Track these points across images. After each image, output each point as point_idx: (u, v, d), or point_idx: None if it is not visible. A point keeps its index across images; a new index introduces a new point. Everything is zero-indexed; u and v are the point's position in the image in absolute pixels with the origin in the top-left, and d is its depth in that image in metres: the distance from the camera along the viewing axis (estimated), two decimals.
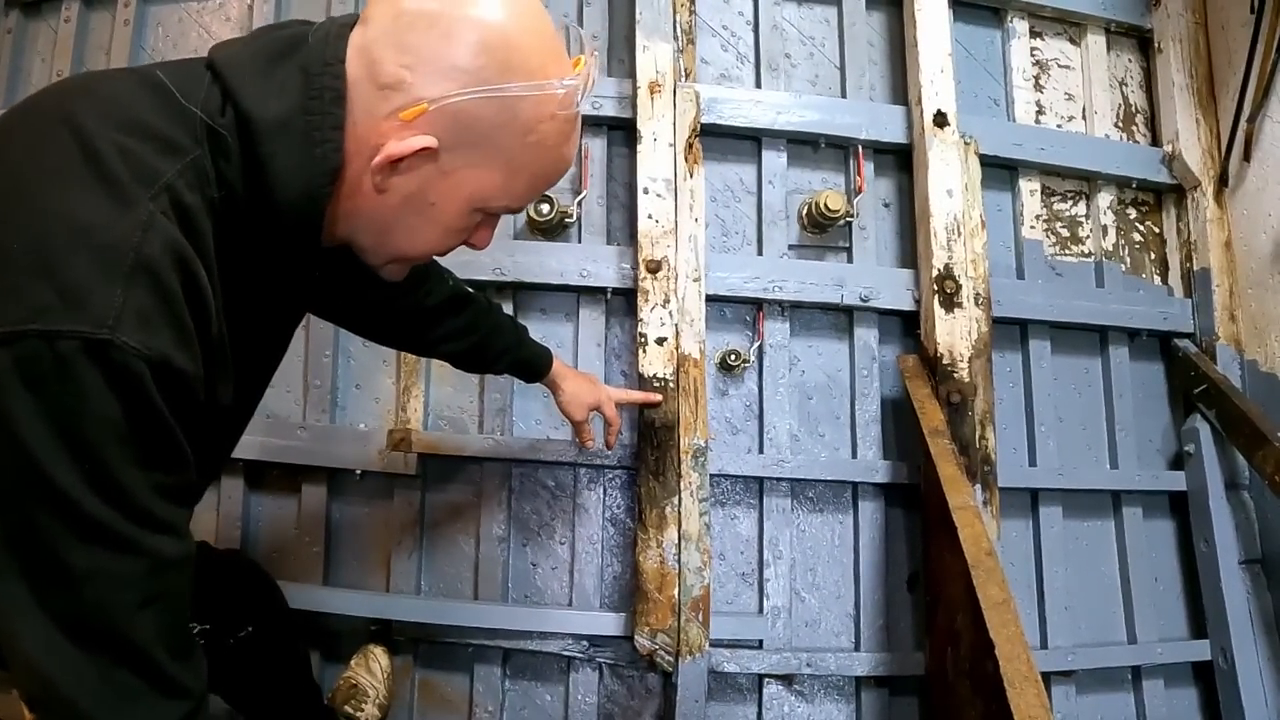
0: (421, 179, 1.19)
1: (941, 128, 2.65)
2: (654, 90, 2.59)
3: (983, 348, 2.60)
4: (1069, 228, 2.95)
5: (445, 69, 1.12)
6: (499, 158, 1.19)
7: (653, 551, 2.43)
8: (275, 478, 2.72)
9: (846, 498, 2.70)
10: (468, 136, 1.16)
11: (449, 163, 1.18)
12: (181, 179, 1.06)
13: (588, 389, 2.33)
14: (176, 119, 1.10)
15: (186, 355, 1.03)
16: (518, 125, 1.17)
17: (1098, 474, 2.82)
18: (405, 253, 1.30)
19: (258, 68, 1.16)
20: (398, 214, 1.23)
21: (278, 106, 1.13)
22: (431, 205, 1.22)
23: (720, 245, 2.76)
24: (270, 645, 2.09)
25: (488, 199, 1.24)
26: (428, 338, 2.01)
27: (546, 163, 1.24)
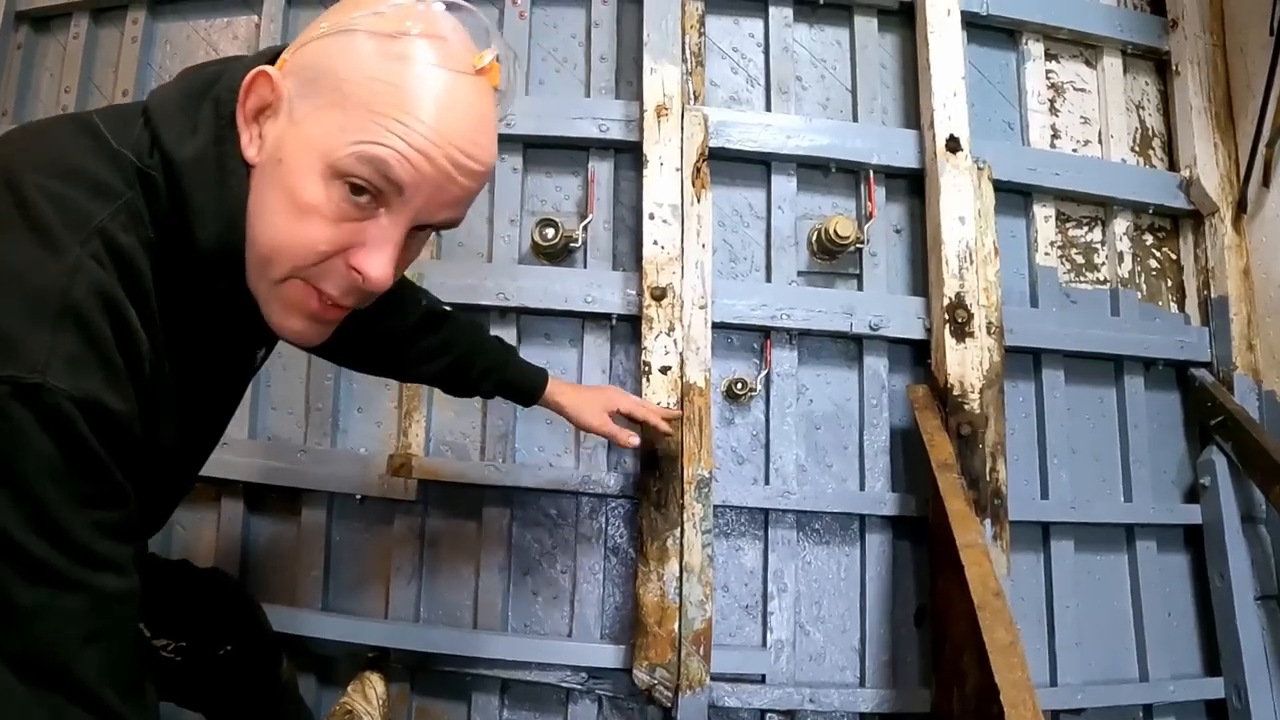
0: (276, 137, 1.10)
1: (954, 153, 2.51)
2: (661, 113, 2.48)
3: (994, 378, 2.47)
4: (1084, 254, 2.82)
5: (312, 29, 1.13)
6: (338, 95, 1.06)
7: (653, 584, 2.32)
8: (276, 500, 2.64)
9: (854, 530, 2.57)
10: (312, 75, 1.09)
11: (297, 111, 1.09)
12: (115, 221, 1.04)
13: (593, 394, 2.19)
14: (110, 163, 1.08)
15: (118, 396, 1.00)
16: (358, 58, 1.07)
17: (1111, 507, 2.68)
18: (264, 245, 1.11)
19: (179, 106, 1.14)
20: (258, 194, 1.11)
21: (194, 143, 1.11)
22: (279, 164, 1.09)
23: (728, 271, 2.64)
24: (250, 664, 2.02)
25: (332, 147, 1.05)
26: (403, 359, 1.92)
27: (388, 101, 1.05)
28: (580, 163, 2.65)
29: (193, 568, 2.00)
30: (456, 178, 1.10)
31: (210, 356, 1.29)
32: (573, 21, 2.75)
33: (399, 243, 1.13)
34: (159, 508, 1.42)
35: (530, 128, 2.58)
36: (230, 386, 1.48)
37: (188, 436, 1.30)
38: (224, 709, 2.12)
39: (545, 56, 2.73)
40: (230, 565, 2.59)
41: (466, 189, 1.13)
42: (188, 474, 1.49)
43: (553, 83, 2.73)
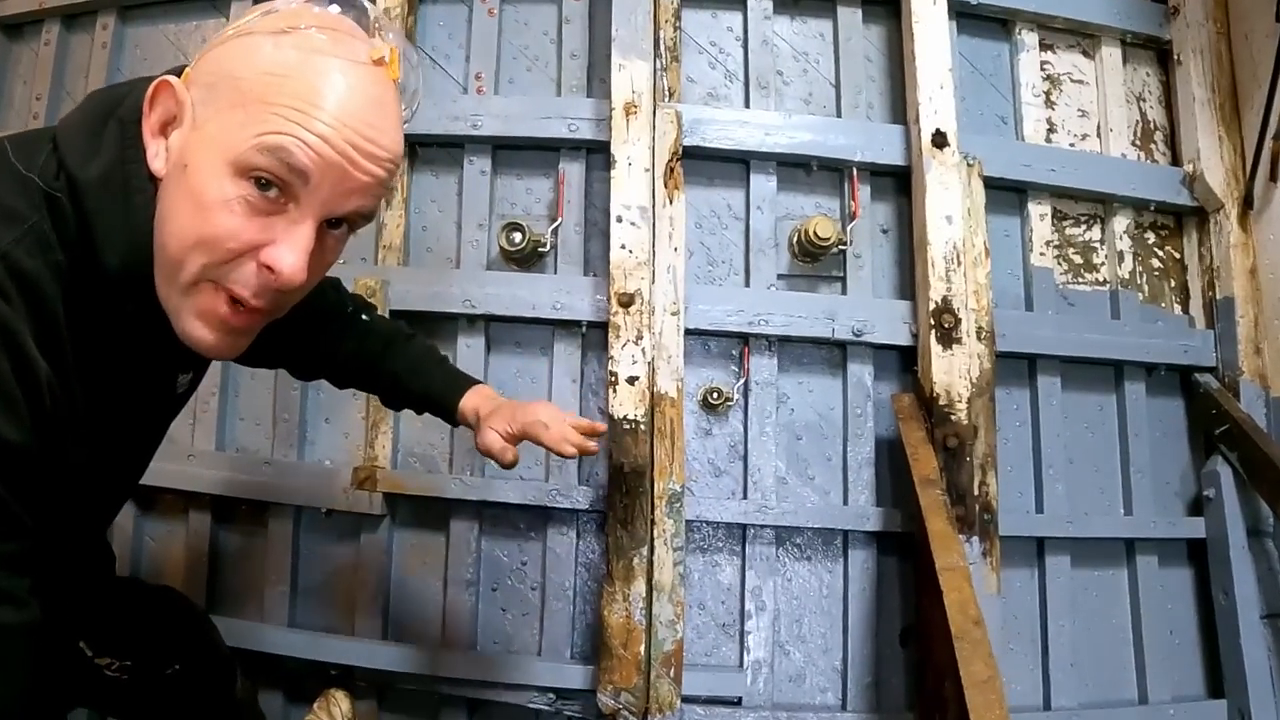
0: (180, 146, 1.08)
1: (940, 148, 2.35)
2: (630, 111, 2.33)
3: (985, 386, 2.31)
4: (1082, 254, 2.64)
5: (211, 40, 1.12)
6: (237, 94, 1.05)
7: (619, 605, 2.18)
8: (244, 513, 2.55)
9: (836, 545, 2.42)
10: (212, 81, 1.08)
11: (201, 116, 1.08)
12: (20, 246, 1.01)
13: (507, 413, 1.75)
14: (16, 187, 1.06)
15: (13, 427, 0.97)
16: (254, 57, 1.07)
17: (1110, 520, 2.51)
18: (170, 250, 1.08)
19: (84, 128, 1.12)
20: (164, 201, 1.09)
21: (98, 163, 1.09)
22: (184, 169, 1.07)
23: (705, 276, 2.50)
24: (200, 684, 1.92)
25: (234, 146, 1.03)
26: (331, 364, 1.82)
27: (285, 91, 1.04)
28: (552, 164, 2.51)
29: (142, 585, 1.93)
30: (359, 161, 1.08)
31: (126, 380, 1.24)
32: (544, 18, 2.61)
33: (310, 237, 1.10)
34: (76, 531, 1.38)
35: (499, 128, 2.45)
36: (151, 411, 1.42)
37: (104, 460, 1.27)
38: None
39: (516, 55, 2.60)
40: (197, 579, 2.50)
41: (372, 175, 1.11)
42: (109, 496, 1.47)
43: (523, 81, 2.59)
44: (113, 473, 1.39)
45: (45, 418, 1.02)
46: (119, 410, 1.26)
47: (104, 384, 1.18)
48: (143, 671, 1.79)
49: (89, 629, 1.70)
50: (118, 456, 1.36)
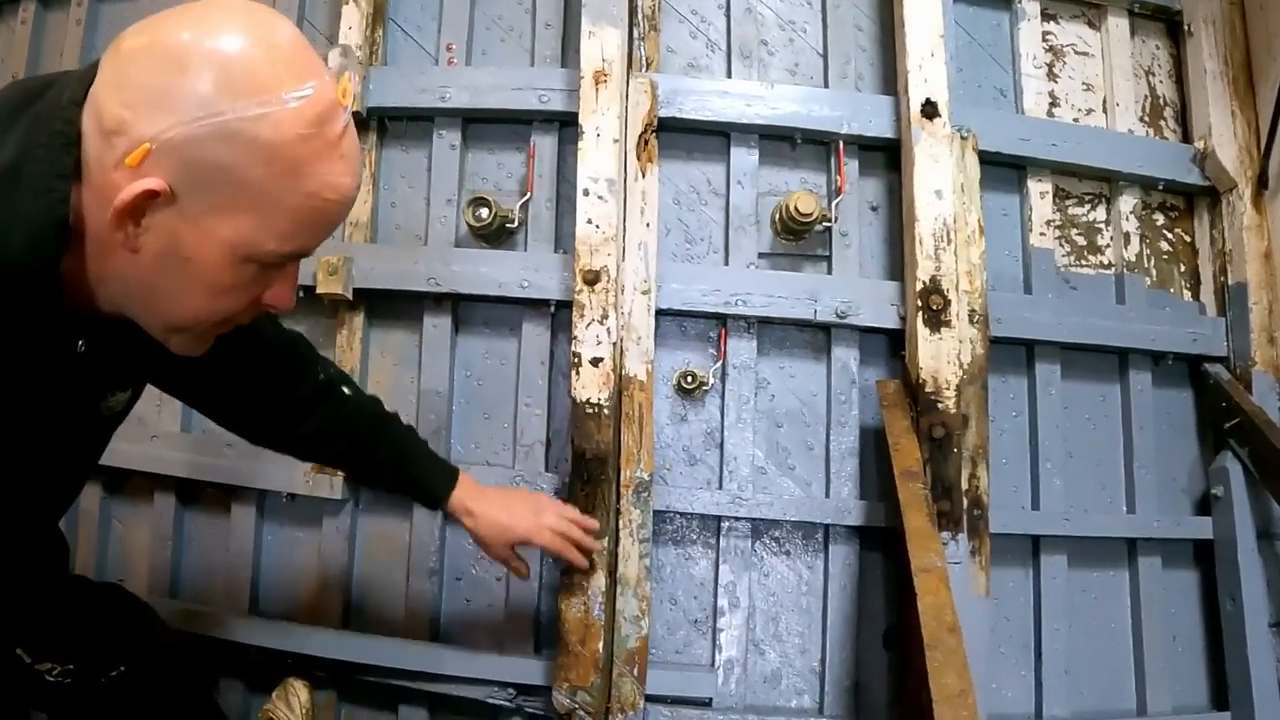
0: (169, 233, 1.02)
1: (930, 119, 2.15)
2: (599, 80, 2.15)
3: (976, 373, 2.12)
4: (1086, 235, 2.42)
5: (163, 100, 0.96)
6: (244, 195, 1.01)
7: (576, 599, 2.01)
8: (208, 496, 2.44)
9: (817, 540, 2.24)
10: (203, 174, 0.99)
11: (192, 207, 1.01)
12: None
13: (508, 516, 1.82)
14: None
15: None
16: (255, 154, 0.99)
17: (1111, 518, 2.31)
18: (177, 320, 1.13)
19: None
20: (156, 275, 1.06)
21: (3, 157, 1.01)
22: (187, 260, 1.04)
23: (683, 254, 2.33)
24: (146, 685, 1.81)
25: (251, 246, 1.05)
26: (294, 435, 1.74)
27: (306, 194, 1.03)
28: (524, 138, 2.35)
29: (87, 584, 1.82)
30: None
31: (32, 394, 1.15)
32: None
33: (298, 271, 1.18)
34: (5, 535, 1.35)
35: (468, 100, 2.30)
36: (74, 429, 1.34)
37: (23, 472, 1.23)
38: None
39: (490, 25, 2.45)
40: (161, 563, 2.39)
41: None
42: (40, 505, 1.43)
43: (496, 53, 2.44)
44: (38, 485, 1.33)
45: None
46: (30, 427, 1.18)
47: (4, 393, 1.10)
48: (86, 675, 1.71)
49: (26, 635, 1.62)
50: (38, 471, 1.30)
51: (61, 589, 1.69)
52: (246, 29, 0.99)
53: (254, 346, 1.59)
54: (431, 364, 2.30)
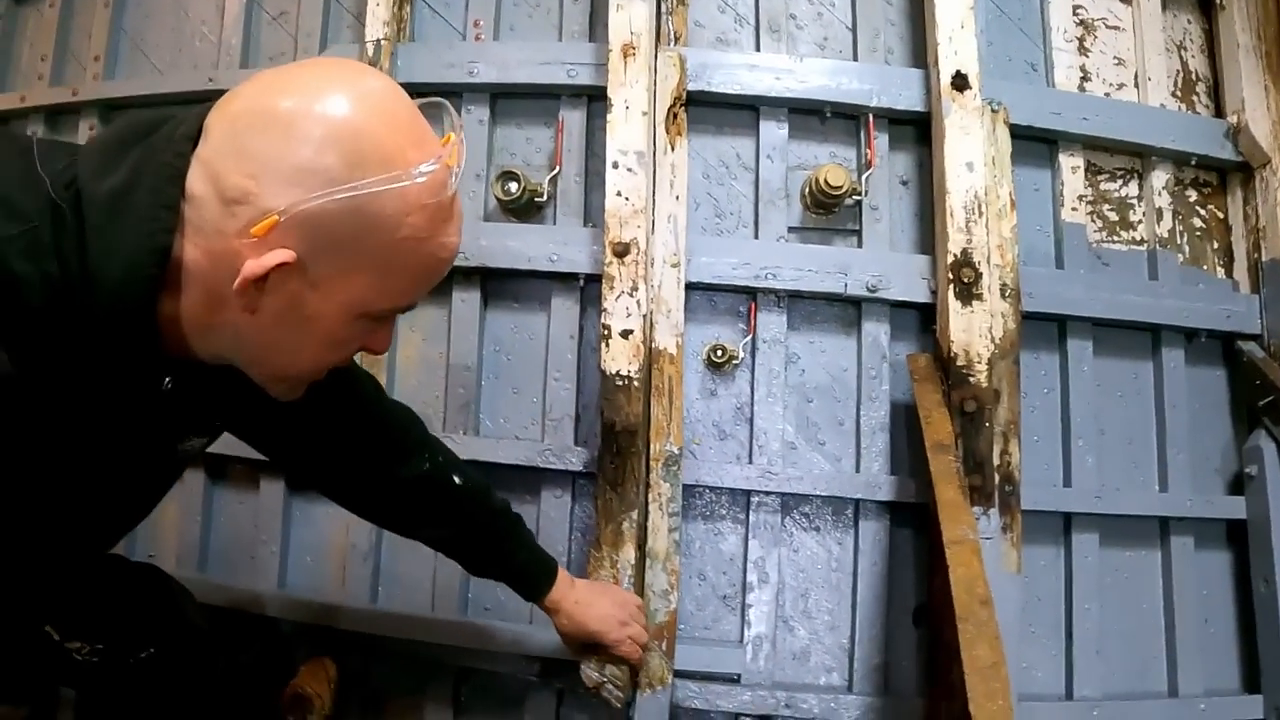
0: (291, 295, 1.04)
1: (961, 91, 2.08)
2: (627, 53, 2.10)
3: (1008, 348, 2.06)
4: (1118, 211, 2.35)
5: (290, 173, 0.98)
6: (368, 260, 1.04)
7: (605, 572, 1.98)
8: (238, 472, 2.40)
9: (847, 516, 2.18)
10: (330, 242, 1.01)
11: (317, 272, 1.03)
12: (12, 245, 0.95)
13: (595, 621, 1.85)
14: (28, 186, 1.00)
15: None
16: (382, 223, 1.02)
17: (1143, 497, 2.23)
18: (290, 372, 1.18)
19: (109, 146, 1.05)
20: (275, 333, 1.08)
21: (113, 182, 1.01)
22: (308, 320, 1.07)
23: (713, 228, 2.28)
24: (175, 667, 1.78)
25: (368, 304, 1.09)
26: (395, 514, 1.77)
27: (424, 256, 1.08)
28: (552, 113, 2.30)
29: (123, 564, 1.78)
30: None
31: (114, 419, 1.15)
32: None
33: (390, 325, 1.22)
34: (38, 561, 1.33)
35: (496, 76, 2.26)
36: (151, 451, 1.31)
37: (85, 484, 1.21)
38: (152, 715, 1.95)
39: (517, 1, 2.40)
40: (190, 539, 2.36)
41: None
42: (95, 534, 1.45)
43: (524, 28, 2.40)
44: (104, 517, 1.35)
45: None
46: (106, 459, 1.19)
47: (84, 417, 1.10)
48: (115, 656, 1.68)
49: (57, 613, 1.58)
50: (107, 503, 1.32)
51: (96, 569, 1.66)
52: (362, 97, 1.01)
53: (354, 412, 1.62)
54: (460, 339, 2.26)
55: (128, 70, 2.69)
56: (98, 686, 1.89)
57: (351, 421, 1.61)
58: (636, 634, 1.91)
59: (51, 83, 2.71)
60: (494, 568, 1.84)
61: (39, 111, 2.70)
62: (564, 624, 1.85)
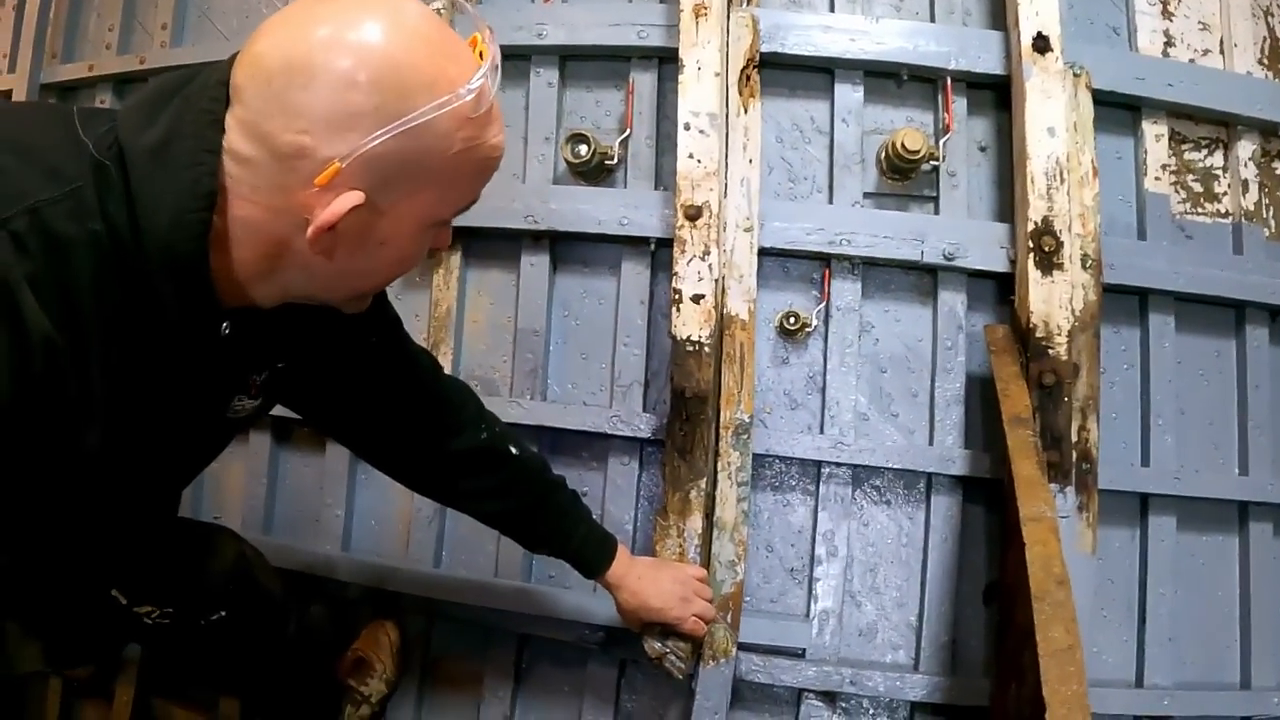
0: (362, 227, 1.04)
1: (1042, 54, 1.96)
2: (699, 13, 2.00)
3: (1089, 320, 1.95)
4: (1202, 181, 2.21)
5: (343, 120, 0.97)
6: (429, 178, 1.04)
7: (671, 541, 1.90)
8: (303, 435, 2.37)
9: (919, 489, 2.09)
10: (392, 174, 1.02)
11: (384, 202, 1.03)
12: (57, 207, 0.96)
13: (656, 598, 1.80)
14: (71, 150, 1.01)
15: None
16: (437, 144, 1.02)
17: (1223, 480, 2.10)
18: (366, 290, 1.22)
19: (146, 103, 1.05)
20: (350, 263, 1.08)
21: (153, 135, 1.01)
22: (382, 245, 1.08)
23: (786, 192, 2.18)
24: (245, 631, 1.83)
25: (434, 215, 1.10)
26: (453, 488, 1.73)
27: (478, 161, 1.07)
28: (622, 75, 2.22)
29: (192, 527, 1.81)
30: None
31: (168, 374, 1.14)
32: None
33: None
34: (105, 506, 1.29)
35: (565, 37, 2.18)
36: (202, 410, 1.29)
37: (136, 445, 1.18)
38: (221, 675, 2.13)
39: None
40: (255, 500, 2.35)
41: None
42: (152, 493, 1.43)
43: None
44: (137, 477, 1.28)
45: (35, 380, 0.95)
46: (160, 400, 1.17)
47: (140, 374, 1.10)
48: (186, 618, 1.71)
49: (125, 578, 1.60)
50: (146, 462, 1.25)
51: (166, 534, 1.65)
52: (391, 28, 0.99)
53: (411, 388, 1.60)
54: (529, 303, 2.20)
55: (194, 38, 2.65)
56: (169, 647, 1.97)
57: (408, 397, 1.59)
58: (701, 610, 1.84)
59: (119, 51, 2.69)
60: (553, 542, 1.79)
61: (107, 80, 2.67)
62: (626, 600, 1.80)
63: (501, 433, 1.71)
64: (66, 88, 2.76)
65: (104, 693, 2.35)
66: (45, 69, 2.76)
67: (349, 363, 1.48)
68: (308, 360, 1.41)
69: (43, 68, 2.76)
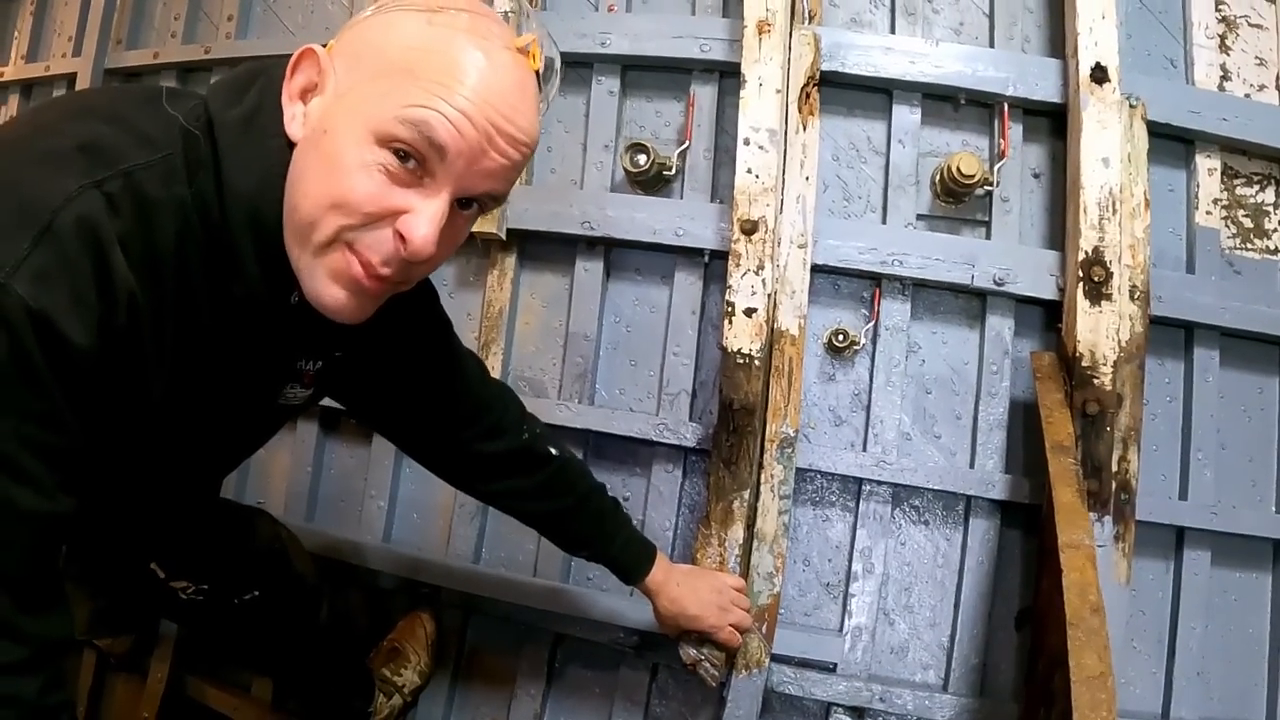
0: (321, 112, 1.04)
1: (1100, 84, 1.95)
2: (762, 30, 2.01)
3: (1134, 351, 1.93)
4: (1253, 217, 2.19)
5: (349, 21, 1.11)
6: (383, 63, 1.02)
7: (712, 549, 1.91)
8: (350, 426, 2.40)
9: (958, 511, 2.08)
10: (355, 52, 1.05)
11: (343, 84, 1.04)
12: (150, 171, 1.00)
13: (694, 606, 1.81)
14: (162, 121, 1.05)
15: (79, 327, 0.92)
16: (399, 30, 1.03)
17: (1260, 517, 2.07)
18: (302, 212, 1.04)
19: (233, 82, 1.12)
20: (302, 162, 1.04)
21: (241, 109, 1.07)
22: (324, 134, 1.02)
23: (840, 211, 2.18)
24: (278, 612, 1.84)
25: (377, 113, 1.00)
26: (484, 486, 1.75)
27: (431, 65, 1.00)
28: (683, 87, 2.23)
29: (231, 508, 1.83)
30: (498, 141, 1.03)
31: (234, 342, 1.16)
32: None
33: (443, 210, 1.05)
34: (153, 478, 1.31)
35: (627, 47, 2.19)
36: (258, 389, 1.31)
37: (191, 415, 1.20)
38: (252, 652, 2.12)
39: None
40: (299, 488, 2.36)
41: (508, 157, 1.05)
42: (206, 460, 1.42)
43: (657, 2, 2.32)
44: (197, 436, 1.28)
45: (117, 332, 0.97)
46: (220, 373, 1.18)
47: (205, 336, 1.12)
48: (220, 596, 1.73)
49: (164, 552, 1.62)
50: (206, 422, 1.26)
51: (205, 512, 1.67)
52: None
53: (453, 382, 1.60)
54: (581, 307, 2.21)
55: (260, 31, 2.70)
56: (202, 624, 1.96)
57: (454, 398, 1.60)
58: (738, 620, 1.85)
59: (184, 41, 2.74)
60: (593, 546, 1.80)
61: (171, 68, 2.71)
62: (665, 607, 1.81)
63: (543, 434, 1.72)
64: (130, 73, 2.80)
65: (138, 669, 2.39)
66: (110, 54, 2.81)
67: (399, 359, 1.50)
68: (363, 352, 1.43)
69: (108, 53, 2.81)
